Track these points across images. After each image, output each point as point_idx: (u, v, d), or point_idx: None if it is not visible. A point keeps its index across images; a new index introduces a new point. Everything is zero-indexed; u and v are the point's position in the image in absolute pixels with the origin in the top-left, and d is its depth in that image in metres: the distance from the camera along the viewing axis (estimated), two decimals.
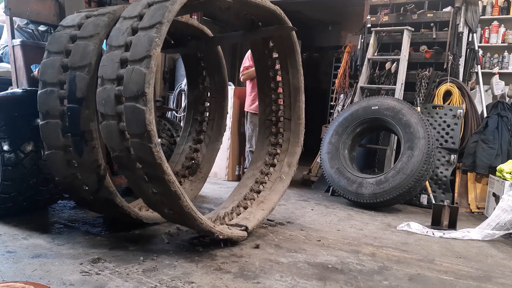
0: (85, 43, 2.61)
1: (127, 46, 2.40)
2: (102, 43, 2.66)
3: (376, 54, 5.37)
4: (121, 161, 2.54)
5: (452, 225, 3.85)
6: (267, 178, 3.62)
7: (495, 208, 3.77)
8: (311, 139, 5.50)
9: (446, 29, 5.09)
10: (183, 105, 6.40)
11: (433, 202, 4.52)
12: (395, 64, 5.12)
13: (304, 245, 3.12)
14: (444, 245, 3.40)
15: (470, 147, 4.82)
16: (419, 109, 4.79)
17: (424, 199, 4.76)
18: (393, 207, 4.54)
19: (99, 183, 2.70)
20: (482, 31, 5.58)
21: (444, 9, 5.20)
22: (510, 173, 4.18)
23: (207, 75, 3.99)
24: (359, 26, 5.90)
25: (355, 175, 4.56)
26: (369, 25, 5.50)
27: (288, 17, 3.33)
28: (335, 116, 5.77)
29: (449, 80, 5.03)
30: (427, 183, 4.65)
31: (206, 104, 4.06)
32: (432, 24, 5.18)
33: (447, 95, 5.04)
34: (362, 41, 5.64)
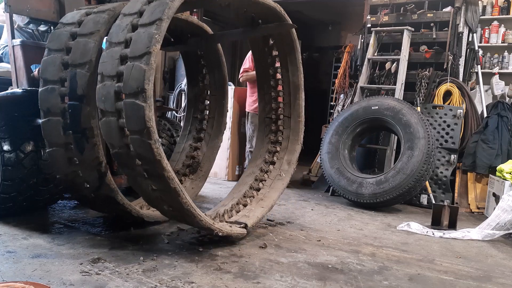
0: (85, 40, 2.61)
1: (127, 42, 2.40)
2: (102, 40, 2.66)
3: (376, 54, 5.37)
4: (121, 158, 2.54)
5: (452, 225, 3.85)
6: (267, 175, 3.61)
7: (495, 208, 3.77)
8: (311, 139, 5.49)
9: (446, 29, 5.09)
10: (183, 105, 6.38)
11: (433, 202, 4.51)
12: (395, 64, 5.12)
13: (304, 245, 3.11)
14: (444, 245, 3.39)
15: (470, 147, 4.81)
16: (419, 109, 4.78)
17: (424, 199, 4.75)
18: (393, 207, 4.54)
19: (100, 180, 2.70)
20: (482, 31, 5.57)
21: (444, 9, 5.20)
22: (510, 173, 4.17)
23: (207, 73, 3.98)
24: (359, 26, 5.90)
25: (355, 175, 4.55)
26: (369, 25, 5.50)
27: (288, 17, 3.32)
28: (335, 116, 5.77)
29: (449, 80, 5.03)
30: (427, 183, 4.64)
31: (206, 102, 4.05)
32: (432, 24, 5.18)
33: (447, 95, 5.03)
34: (362, 41, 5.64)
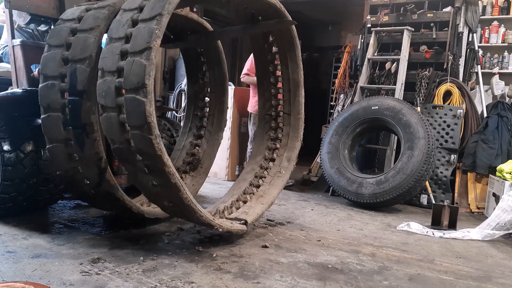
0: (86, 36, 2.59)
1: (127, 38, 2.39)
2: (102, 36, 2.65)
3: (376, 54, 5.36)
4: (121, 154, 2.53)
5: (452, 225, 3.84)
6: (267, 172, 3.61)
7: (495, 208, 3.76)
8: (311, 139, 5.49)
9: (446, 29, 5.08)
10: (183, 105, 6.36)
11: (433, 202, 4.50)
12: (395, 64, 5.11)
13: (304, 245, 3.10)
14: (444, 245, 3.38)
15: (470, 147, 4.81)
16: (419, 109, 4.78)
17: (424, 199, 4.74)
18: (393, 207, 4.53)
19: (100, 176, 2.69)
20: (482, 31, 5.58)
21: (444, 9, 5.19)
22: (510, 173, 4.17)
23: (207, 70, 3.96)
24: (359, 26, 5.89)
25: (355, 175, 4.54)
26: (369, 25, 5.49)
27: None
28: (335, 116, 5.76)
29: (449, 80, 5.02)
30: (427, 183, 4.63)
31: (206, 99, 4.04)
32: (432, 24, 5.17)
33: (447, 95, 5.03)
34: (362, 41, 5.63)
